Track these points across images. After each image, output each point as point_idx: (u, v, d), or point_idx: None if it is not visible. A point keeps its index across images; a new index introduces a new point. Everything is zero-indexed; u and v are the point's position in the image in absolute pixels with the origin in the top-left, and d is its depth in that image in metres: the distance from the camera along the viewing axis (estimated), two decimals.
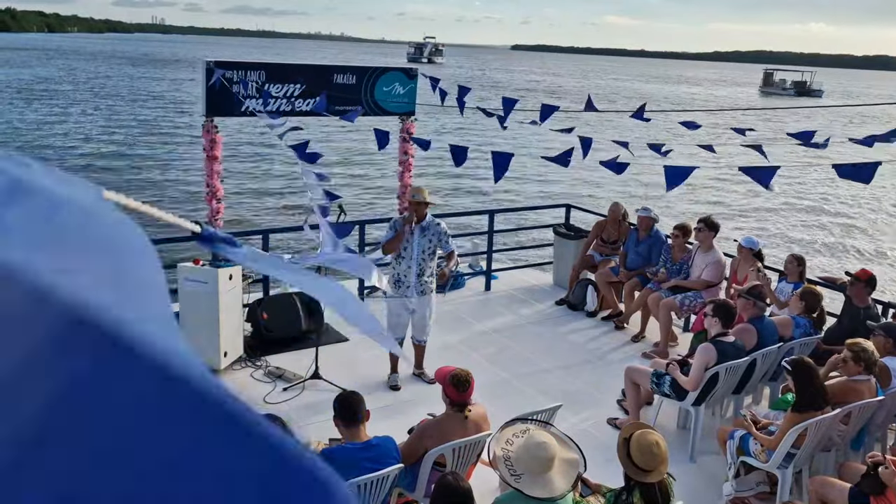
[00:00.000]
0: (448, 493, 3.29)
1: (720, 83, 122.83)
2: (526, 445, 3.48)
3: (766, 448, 4.75)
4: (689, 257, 7.56)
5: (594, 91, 33.46)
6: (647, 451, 3.56)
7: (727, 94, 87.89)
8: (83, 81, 53.94)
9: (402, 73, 8.15)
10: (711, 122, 28.08)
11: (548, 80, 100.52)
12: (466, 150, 5.62)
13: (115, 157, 26.07)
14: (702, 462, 5.41)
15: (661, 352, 7.13)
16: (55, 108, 35.99)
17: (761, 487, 4.97)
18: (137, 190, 20.78)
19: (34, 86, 48.96)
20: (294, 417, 5.40)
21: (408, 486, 4.22)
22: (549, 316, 8.44)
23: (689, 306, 7.36)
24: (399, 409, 5.90)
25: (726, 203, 22.76)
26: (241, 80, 7.10)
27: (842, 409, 4.79)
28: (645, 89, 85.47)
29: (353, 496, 0.49)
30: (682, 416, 5.90)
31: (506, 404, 5.29)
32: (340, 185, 23.22)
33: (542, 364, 7.04)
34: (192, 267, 6.35)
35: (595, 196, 21.00)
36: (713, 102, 64.61)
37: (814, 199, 24.27)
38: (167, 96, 46.20)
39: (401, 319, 6.33)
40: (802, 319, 6.08)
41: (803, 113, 51.70)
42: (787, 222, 21.39)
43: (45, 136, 30.03)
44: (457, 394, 4.21)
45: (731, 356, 5.40)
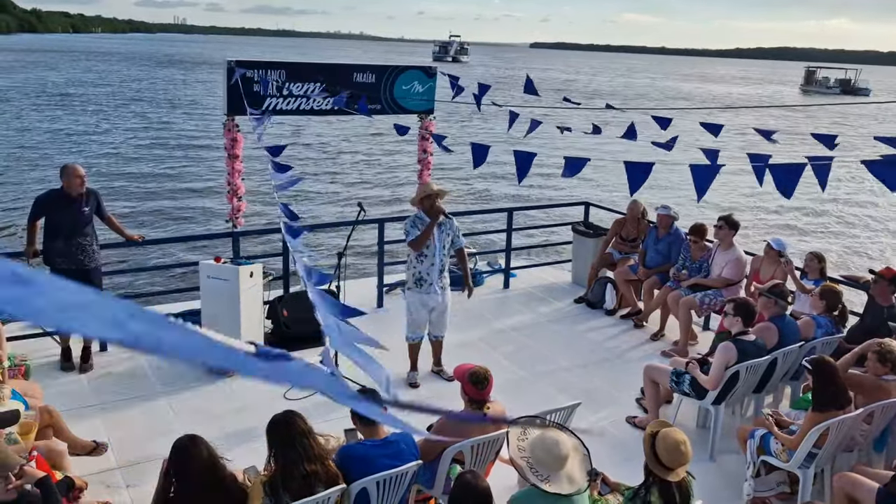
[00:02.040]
0: (467, 492, 3.30)
1: (756, 82, 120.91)
2: (544, 447, 3.50)
3: (788, 448, 4.71)
4: (709, 255, 7.51)
5: (634, 90, 33.17)
6: (673, 448, 3.55)
7: (761, 92, 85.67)
8: (116, 84, 54.15)
9: (422, 72, 8.17)
10: (758, 122, 27.61)
11: (581, 79, 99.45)
12: (487, 149, 5.61)
13: (157, 164, 26.34)
14: (721, 461, 5.38)
15: (680, 350, 7.10)
16: (93, 117, 36.11)
17: (782, 488, 4.93)
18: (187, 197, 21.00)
19: (68, 89, 49.41)
20: (313, 413, 5.43)
21: (426, 483, 4.24)
22: (567, 314, 8.43)
23: (709, 304, 7.32)
24: None
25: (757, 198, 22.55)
26: (261, 80, 7.16)
27: (864, 408, 4.75)
28: (685, 89, 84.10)
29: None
30: (701, 415, 5.87)
31: (524, 402, 5.30)
32: (359, 183, 23.35)
33: (560, 362, 7.03)
34: (213, 264, 6.41)
35: (617, 191, 20.89)
36: (755, 101, 61.90)
37: (840, 196, 23.97)
38: (202, 102, 46.09)
39: (421, 318, 6.36)
40: (823, 319, 6.01)
41: (849, 111, 50.56)
42: (811, 220, 21.16)
43: (82, 142, 30.39)
44: (476, 391, 4.22)
45: (751, 355, 5.36)
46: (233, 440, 4.96)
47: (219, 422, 5.41)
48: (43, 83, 47.62)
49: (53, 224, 6.17)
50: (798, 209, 22.11)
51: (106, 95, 42.57)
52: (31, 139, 28.81)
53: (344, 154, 29.14)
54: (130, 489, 4.63)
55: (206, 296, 6.43)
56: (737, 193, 23.07)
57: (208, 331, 0.80)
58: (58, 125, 32.14)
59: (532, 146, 6.72)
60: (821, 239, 19.02)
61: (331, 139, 32.55)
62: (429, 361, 6.58)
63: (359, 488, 3.67)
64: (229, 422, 5.47)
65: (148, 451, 4.92)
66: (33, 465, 3.72)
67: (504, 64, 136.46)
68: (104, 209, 6.46)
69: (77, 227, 6.18)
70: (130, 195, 20.22)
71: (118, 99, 41.04)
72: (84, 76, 59.61)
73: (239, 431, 5.22)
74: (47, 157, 24.44)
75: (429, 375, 6.52)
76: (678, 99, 59.36)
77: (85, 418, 5.33)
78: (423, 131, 8.36)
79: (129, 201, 19.40)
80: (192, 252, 12.99)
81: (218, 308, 6.33)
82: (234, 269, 6.32)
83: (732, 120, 35.44)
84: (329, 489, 3.50)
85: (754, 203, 22.25)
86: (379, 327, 7.60)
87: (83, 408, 5.35)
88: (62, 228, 6.15)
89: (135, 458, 4.96)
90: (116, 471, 4.87)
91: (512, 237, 9.31)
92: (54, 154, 25.14)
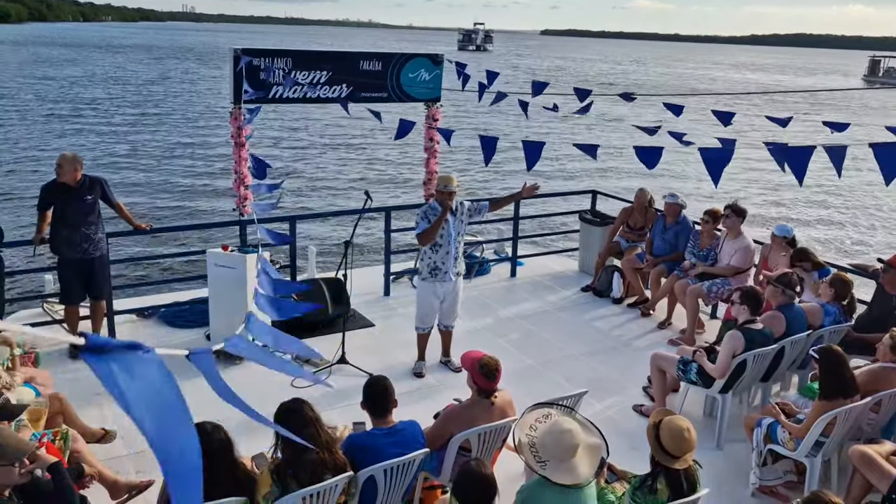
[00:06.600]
0: (471, 480, 3.31)
1: (801, 71, 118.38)
2: (551, 432, 3.48)
3: (795, 436, 4.70)
4: (717, 244, 7.48)
5: (667, 81, 32.77)
6: (677, 435, 3.55)
7: (820, 84, 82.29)
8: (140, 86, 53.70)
9: (428, 60, 8.14)
10: (829, 116, 27.12)
11: (606, 67, 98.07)
12: (496, 140, 5.57)
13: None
14: (728, 450, 5.38)
15: (687, 339, 7.09)
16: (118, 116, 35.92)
17: (789, 476, 4.93)
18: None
19: (94, 90, 49.17)
20: (321, 401, 5.46)
21: (433, 471, 4.26)
22: (574, 302, 8.42)
23: (716, 293, 7.29)
24: (425, 395, 5.95)
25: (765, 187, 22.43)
26: (267, 68, 7.15)
27: (871, 397, 4.73)
28: (721, 76, 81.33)
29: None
30: (708, 404, 5.87)
31: (531, 390, 5.31)
32: (366, 171, 23.33)
33: (567, 350, 7.03)
34: (220, 253, 6.43)
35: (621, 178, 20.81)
36: (824, 94, 58.13)
37: (853, 185, 23.81)
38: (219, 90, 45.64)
39: (432, 309, 6.34)
40: (832, 307, 5.99)
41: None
42: (819, 209, 21.04)
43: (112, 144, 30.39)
44: (485, 381, 4.22)
45: (759, 343, 5.35)
46: (240, 428, 4.98)
47: (226, 409, 5.41)
48: (68, 86, 47.23)
49: (58, 213, 6.20)
50: (808, 198, 21.99)
51: (129, 99, 41.91)
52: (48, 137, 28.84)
53: (350, 141, 29.13)
54: (139, 476, 4.67)
55: (214, 284, 6.45)
56: (757, 186, 22.93)
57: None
58: (73, 127, 32.03)
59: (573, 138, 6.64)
60: (830, 227, 18.92)
61: (336, 126, 32.52)
62: (437, 352, 6.58)
63: (366, 476, 3.69)
64: (237, 409, 5.49)
65: None
66: (43, 451, 3.75)
67: (530, 52, 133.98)
68: (112, 196, 6.46)
69: (80, 215, 6.19)
70: (138, 186, 20.29)
71: (140, 100, 40.66)
72: (112, 72, 58.65)
73: (246, 419, 5.23)
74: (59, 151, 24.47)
75: (436, 365, 6.53)
76: (752, 93, 57.15)
77: (94, 406, 5.36)
78: (429, 121, 8.34)
79: (136, 192, 19.47)
80: (201, 241, 13.03)
81: (225, 296, 6.35)
82: (241, 257, 6.34)
83: (809, 113, 34.77)
84: (336, 477, 3.52)
85: (768, 196, 22.15)
86: (385, 315, 7.67)
87: (92, 395, 5.39)
88: (66, 217, 6.18)
89: (144, 446, 4.99)
90: (125, 458, 4.91)
91: (519, 225, 9.30)
92: (64, 148, 25.23)
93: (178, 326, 7.18)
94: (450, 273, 6.19)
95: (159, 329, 7.14)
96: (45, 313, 7.28)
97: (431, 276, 6.20)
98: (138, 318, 7.35)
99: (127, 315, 7.28)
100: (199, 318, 7.12)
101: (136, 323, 7.29)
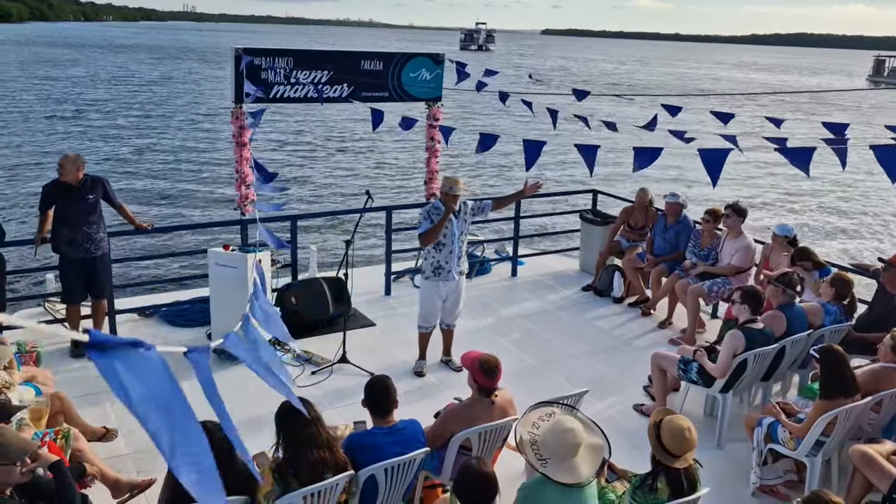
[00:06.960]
0: (471, 478, 3.31)
1: (807, 71, 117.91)
2: (553, 430, 3.49)
3: (795, 436, 4.71)
4: (718, 244, 7.48)
5: (674, 81, 32.70)
6: (678, 434, 3.55)
7: (825, 84, 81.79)
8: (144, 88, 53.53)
9: (429, 59, 8.15)
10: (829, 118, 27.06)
11: (610, 67, 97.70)
12: (496, 138, 5.59)
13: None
14: (729, 449, 5.38)
15: (688, 338, 7.09)
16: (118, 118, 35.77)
17: (789, 476, 4.93)
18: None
19: (97, 90, 49.17)
20: (322, 401, 5.47)
21: (434, 470, 4.27)
22: (575, 302, 8.43)
23: (717, 293, 7.30)
24: (425, 394, 5.95)
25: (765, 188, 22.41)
26: (268, 67, 7.16)
27: (872, 397, 4.73)
28: (725, 76, 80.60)
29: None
30: (709, 403, 5.87)
31: (532, 390, 5.31)
32: (367, 171, 23.33)
33: (568, 350, 7.04)
34: (222, 252, 6.44)
35: (625, 179, 20.81)
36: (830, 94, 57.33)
37: (854, 183, 23.80)
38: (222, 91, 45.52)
39: (435, 308, 6.35)
40: (833, 307, 5.98)
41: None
42: (822, 208, 21.02)
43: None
44: (486, 380, 4.22)
45: (759, 343, 5.35)
46: (241, 427, 4.99)
47: (227, 408, 5.43)
48: (72, 88, 47.20)
49: (59, 213, 6.21)
50: (810, 196, 21.97)
51: (131, 101, 41.74)
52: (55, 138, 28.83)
53: (351, 140, 29.13)
54: (140, 475, 4.67)
55: (215, 283, 6.46)
56: (755, 187, 22.90)
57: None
58: (78, 127, 31.96)
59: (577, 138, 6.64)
60: (832, 225, 18.91)
61: (338, 125, 32.53)
62: (438, 351, 6.58)
63: (367, 475, 3.69)
64: (238, 408, 5.49)
65: None
66: (45, 450, 3.76)
67: (533, 51, 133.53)
68: (113, 196, 6.47)
69: (81, 215, 6.20)
70: (141, 187, 20.30)
71: (143, 101, 40.59)
72: (114, 72, 58.56)
73: (247, 418, 5.25)
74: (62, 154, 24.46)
75: (437, 365, 6.53)
76: (758, 93, 56.64)
77: (95, 404, 5.37)
78: (430, 120, 8.35)
79: (139, 193, 19.48)
80: (202, 240, 13.05)
81: (226, 295, 6.36)
82: (243, 256, 6.35)
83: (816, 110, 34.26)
84: (337, 475, 3.53)
85: (770, 196, 22.13)
86: (386, 314, 7.67)
87: (93, 394, 5.40)
88: (67, 217, 6.19)
89: (145, 445, 5.00)
90: (127, 457, 4.92)
91: (520, 225, 9.30)
92: (67, 148, 25.22)
93: (180, 325, 7.19)
94: (453, 272, 6.20)
95: (160, 328, 7.15)
96: (46, 312, 7.30)
97: (435, 275, 6.20)
98: (139, 318, 7.36)
99: (128, 314, 7.29)
100: (201, 318, 7.13)
101: (137, 322, 7.30)
